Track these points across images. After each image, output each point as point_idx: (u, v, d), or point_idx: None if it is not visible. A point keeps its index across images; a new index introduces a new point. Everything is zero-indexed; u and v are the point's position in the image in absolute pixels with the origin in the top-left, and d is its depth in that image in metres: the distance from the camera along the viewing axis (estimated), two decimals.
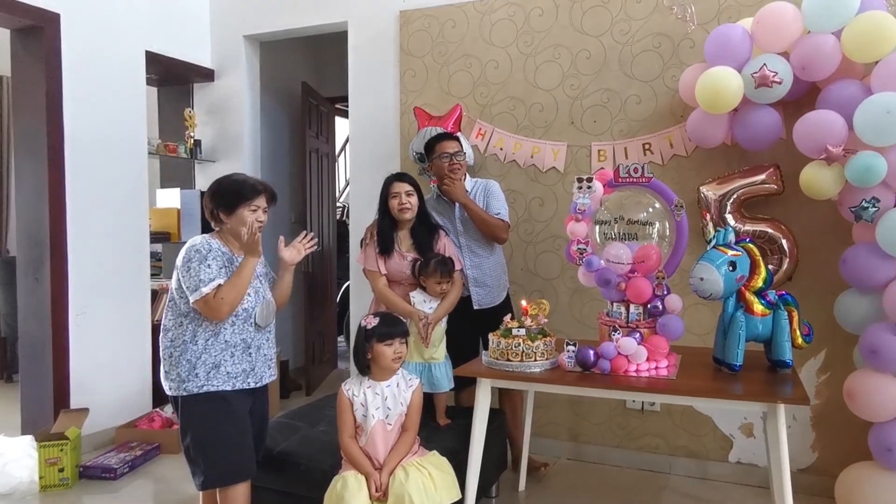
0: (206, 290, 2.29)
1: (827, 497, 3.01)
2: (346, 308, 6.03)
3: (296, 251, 2.59)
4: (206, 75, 4.64)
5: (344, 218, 6.48)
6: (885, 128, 2.53)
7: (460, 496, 2.50)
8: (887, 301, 2.63)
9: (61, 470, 3.27)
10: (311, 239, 2.65)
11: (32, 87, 3.62)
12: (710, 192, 3.19)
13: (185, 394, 2.36)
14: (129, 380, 4.04)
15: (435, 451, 2.57)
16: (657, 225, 2.67)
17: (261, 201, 2.44)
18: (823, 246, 3.08)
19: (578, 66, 3.56)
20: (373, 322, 2.50)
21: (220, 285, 2.31)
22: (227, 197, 2.42)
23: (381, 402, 2.49)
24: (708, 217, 3.11)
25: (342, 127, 6.13)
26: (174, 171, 4.82)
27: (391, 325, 2.50)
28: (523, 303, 2.78)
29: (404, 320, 2.66)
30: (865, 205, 2.63)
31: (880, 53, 2.63)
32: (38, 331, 3.65)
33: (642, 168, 2.70)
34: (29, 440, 3.40)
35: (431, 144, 3.34)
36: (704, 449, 3.40)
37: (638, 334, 2.55)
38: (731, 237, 2.56)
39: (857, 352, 2.83)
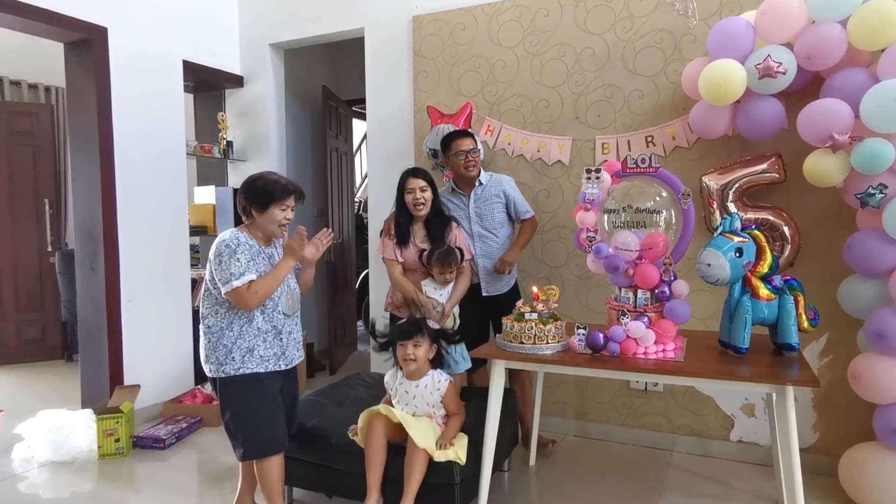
0: (237, 283, 2.20)
1: (828, 476, 2.74)
2: (364, 294, 5.83)
3: (314, 248, 2.45)
4: (237, 81, 4.46)
5: (361, 212, 6.25)
6: (893, 114, 2.23)
7: (463, 462, 2.35)
8: (893, 286, 2.34)
9: (117, 440, 3.24)
10: (329, 234, 2.51)
11: (85, 95, 3.55)
12: (713, 181, 2.90)
13: (223, 375, 2.29)
14: (174, 359, 3.97)
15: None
16: (664, 213, 2.43)
17: (290, 201, 2.35)
18: (825, 233, 2.79)
19: (583, 63, 3.28)
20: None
21: (251, 280, 2.22)
22: (261, 196, 2.31)
23: (410, 399, 2.43)
24: (715, 205, 2.82)
25: (358, 127, 5.91)
26: (209, 169, 4.69)
27: (405, 330, 2.42)
28: (534, 289, 2.54)
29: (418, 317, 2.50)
30: (872, 191, 2.34)
31: (887, 41, 2.33)
32: (94, 316, 3.62)
33: (650, 158, 2.43)
34: (88, 413, 3.38)
35: (448, 141, 3.10)
36: (706, 428, 3.12)
37: (646, 318, 2.32)
38: (738, 224, 2.30)
39: (861, 335, 2.54)
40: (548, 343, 2.36)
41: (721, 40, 2.64)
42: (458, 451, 2.35)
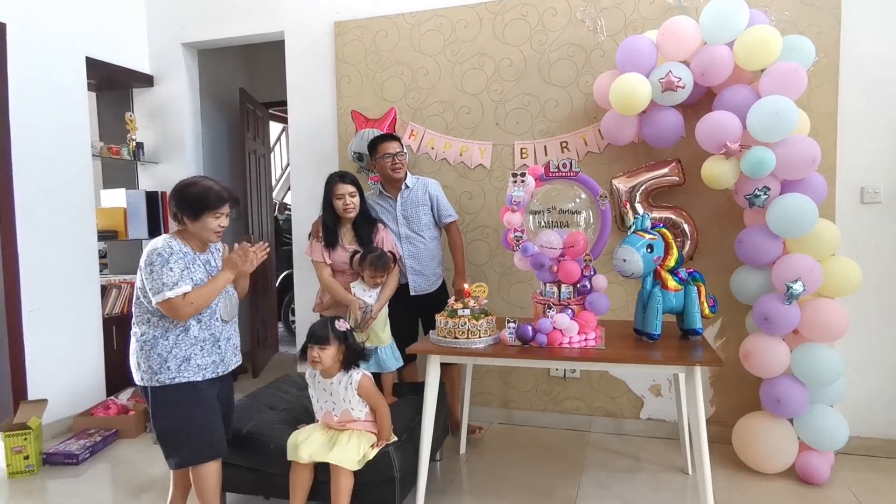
0: (170, 293, 2.11)
1: (723, 443, 3.03)
2: (284, 295, 5.70)
3: (248, 263, 2.32)
4: (146, 81, 4.22)
5: (276, 213, 6.10)
6: (773, 126, 2.52)
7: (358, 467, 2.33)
8: (775, 275, 2.64)
9: (26, 457, 3.06)
10: (266, 248, 2.40)
11: None
12: (621, 184, 3.13)
13: (156, 385, 2.19)
14: (83, 370, 3.72)
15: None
16: (584, 214, 2.58)
17: (225, 208, 2.24)
18: (718, 229, 3.08)
19: (501, 72, 3.41)
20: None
21: (186, 292, 2.13)
22: (193, 204, 2.20)
23: (327, 396, 2.41)
24: (628, 206, 3.04)
25: (273, 128, 5.76)
26: (117, 172, 4.40)
27: (312, 333, 2.38)
28: (466, 286, 2.63)
29: (339, 322, 2.42)
30: (758, 193, 2.62)
31: (767, 62, 2.62)
32: None
33: (570, 163, 2.59)
34: None
35: (375, 144, 3.12)
36: (619, 408, 3.36)
37: (570, 310, 2.47)
38: (648, 223, 2.51)
39: (749, 319, 2.85)
40: (480, 337, 2.44)
41: (627, 56, 2.85)
42: (365, 453, 2.34)
